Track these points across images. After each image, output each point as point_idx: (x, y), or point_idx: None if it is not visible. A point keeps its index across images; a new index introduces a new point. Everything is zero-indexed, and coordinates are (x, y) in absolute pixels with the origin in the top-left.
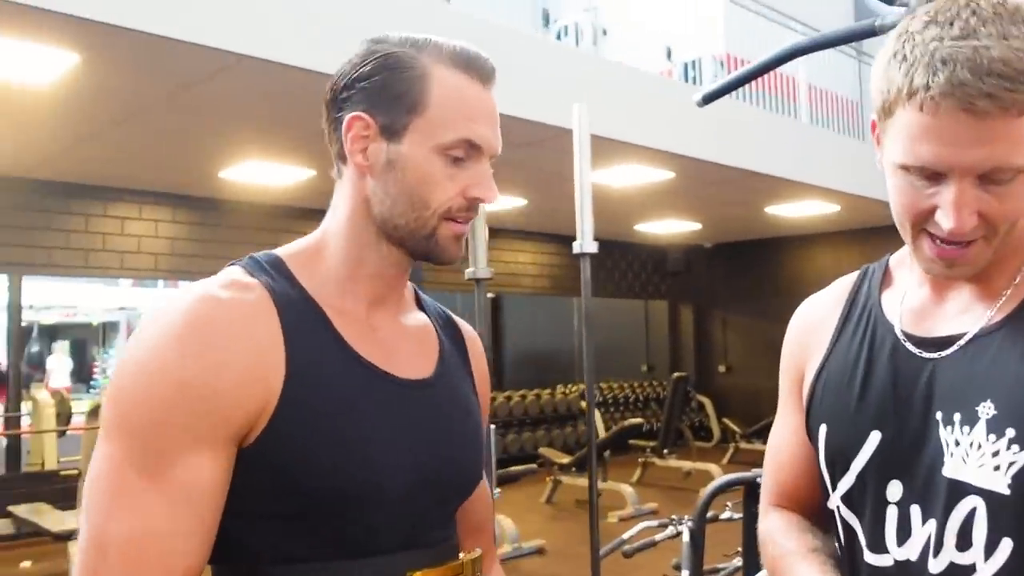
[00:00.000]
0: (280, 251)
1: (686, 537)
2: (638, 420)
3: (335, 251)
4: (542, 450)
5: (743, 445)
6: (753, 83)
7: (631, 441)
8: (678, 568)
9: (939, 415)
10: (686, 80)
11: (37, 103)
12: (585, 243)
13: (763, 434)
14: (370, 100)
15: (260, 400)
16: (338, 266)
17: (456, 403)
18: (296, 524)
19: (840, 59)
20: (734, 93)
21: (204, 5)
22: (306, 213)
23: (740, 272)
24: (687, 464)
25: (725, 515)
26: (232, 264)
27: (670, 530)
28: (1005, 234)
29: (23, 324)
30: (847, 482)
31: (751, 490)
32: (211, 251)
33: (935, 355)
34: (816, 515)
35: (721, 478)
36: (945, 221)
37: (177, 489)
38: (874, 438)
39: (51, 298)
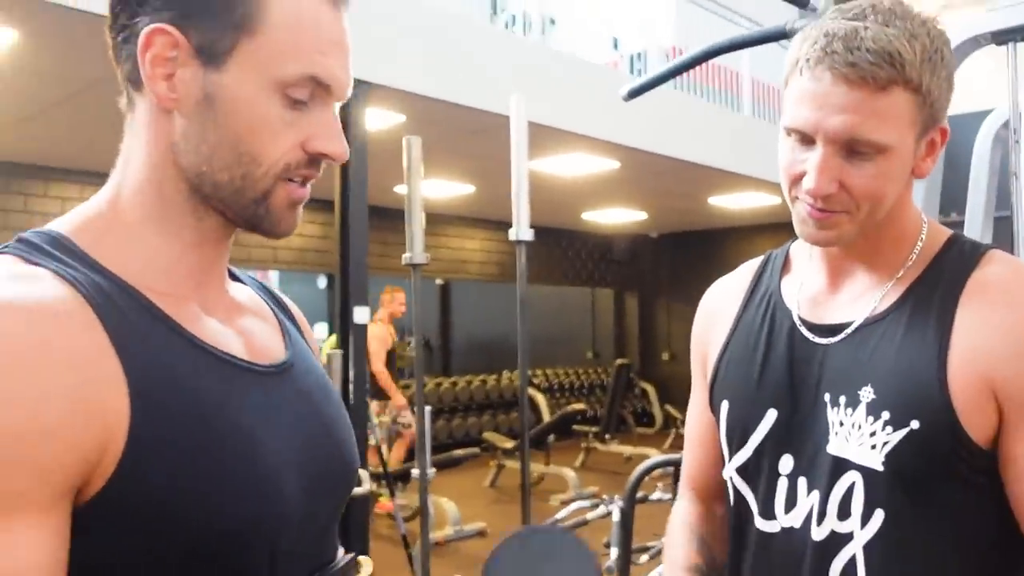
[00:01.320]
0: (60, 226)
1: (616, 517)
2: (581, 406)
3: (139, 219)
4: (486, 435)
5: (684, 431)
6: (698, 76)
7: (575, 426)
8: (608, 546)
9: (827, 397)
10: (632, 72)
11: None
12: (521, 231)
13: None
14: (180, 7)
15: (98, 435)
16: (146, 238)
17: (318, 383)
18: None
19: (782, 53)
20: (679, 86)
21: None
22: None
23: (684, 262)
24: (628, 449)
25: (655, 496)
26: None
27: (601, 509)
28: (870, 215)
29: None
30: (744, 455)
31: (680, 472)
32: None
33: (826, 341)
34: (722, 488)
35: (649, 460)
36: (807, 181)
37: None
38: (771, 416)
39: None
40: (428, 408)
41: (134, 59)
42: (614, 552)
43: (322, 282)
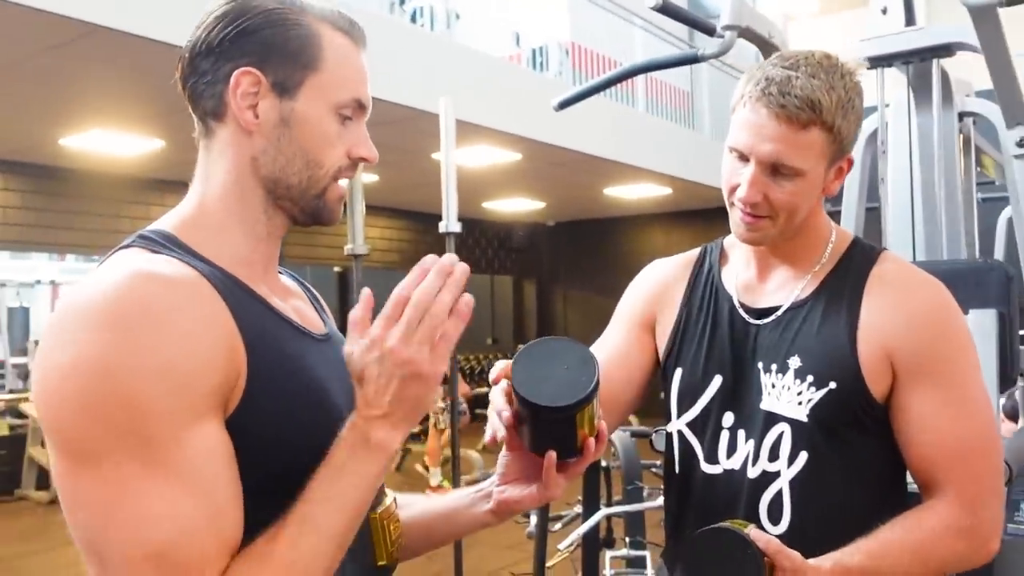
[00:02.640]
0: (166, 227)
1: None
2: (483, 389)
3: (224, 219)
4: None
5: None
6: (596, 74)
7: (477, 410)
8: (527, 515)
9: (760, 365)
10: (534, 66)
11: None
12: (450, 223)
13: None
14: (259, 55)
15: (232, 371)
16: (231, 234)
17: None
18: (268, 496)
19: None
20: (579, 83)
21: None
22: (154, 184)
23: (580, 250)
24: None
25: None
26: (125, 246)
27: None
28: (787, 221)
29: None
30: (693, 412)
31: None
32: (49, 220)
33: (759, 321)
34: (610, 416)
35: None
36: (740, 191)
37: (200, 467)
38: (716, 381)
39: None
40: None
41: (218, 96)
42: (533, 519)
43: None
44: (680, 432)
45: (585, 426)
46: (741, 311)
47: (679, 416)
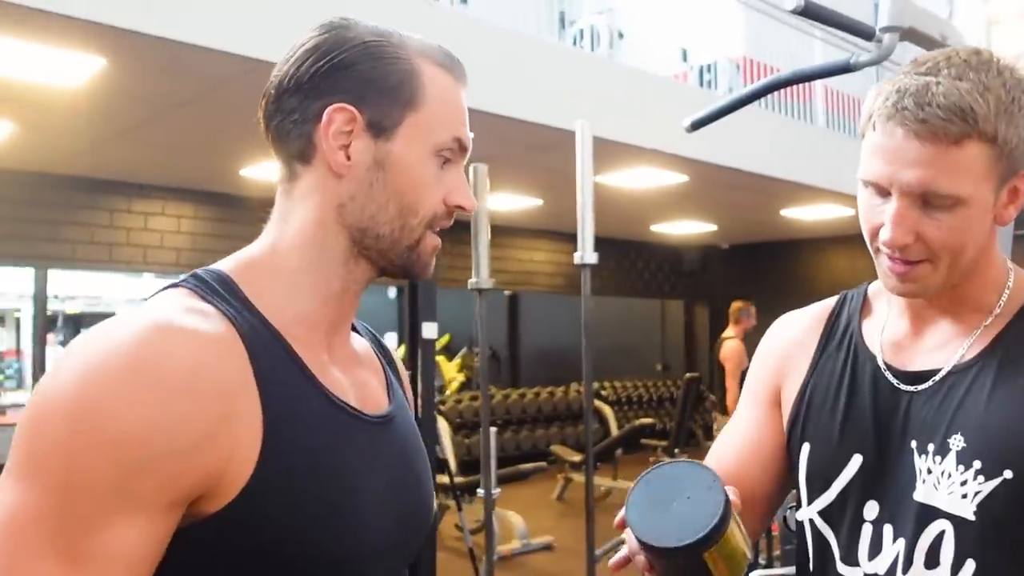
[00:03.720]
0: (225, 267)
1: None
2: (649, 420)
3: (296, 269)
4: (553, 448)
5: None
6: None
7: (643, 440)
8: None
9: (914, 444)
10: (701, 83)
11: (65, 104)
12: (586, 255)
13: None
14: (356, 91)
15: (223, 459)
16: (300, 287)
17: (412, 438)
18: None
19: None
20: None
21: (226, 13)
22: None
23: (755, 273)
24: None
25: None
26: (174, 284)
27: None
28: (951, 266)
29: (48, 313)
30: (827, 498)
31: None
32: (233, 246)
33: (912, 388)
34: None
35: None
36: (884, 232)
37: (98, 566)
38: (856, 461)
39: (75, 289)
40: (493, 429)
41: (307, 136)
42: None
43: (392, 292)
44: (812, 521)
45: (722, 564)
46: (888, 374)
47: (810, 502)
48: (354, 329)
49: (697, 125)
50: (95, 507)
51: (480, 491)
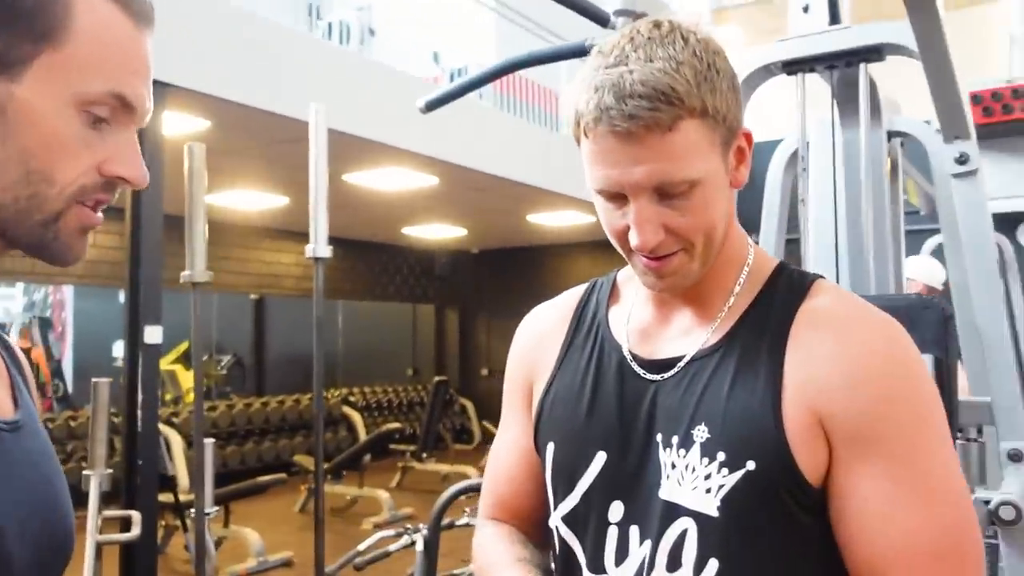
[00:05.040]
0: None
1: (419, 546)
2: (397, 424)
3: None
4: (297, 458)
5: (487, 462)
6: (516, 94)
7: (392, 445)
8: None
9: (659, 437)
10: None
11: None
12: (319, 247)
13: None
14: None
15: None
16: None
17: (46, 448)
18: None
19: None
20: (497, 104)
21: None
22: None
23: (504, 278)
24: (445, 467)
25: (462, 521)
26: None
27: (404, 539)
28: (707, 247)
29: None
30: (571, 502)
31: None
32: None
33: (657, 377)
34: (535, 530)
35: (454, 486)
36: (632, 238)
37: None
38: (599, 459)
39: None
40: (210, 442)
41: None
42: None
43: (123, 297)
44: (557, 529)
45: None
46: (634, 364)
47: (555, 506)
48: None
49: (432, 105)
50: None
51: (193, 511)
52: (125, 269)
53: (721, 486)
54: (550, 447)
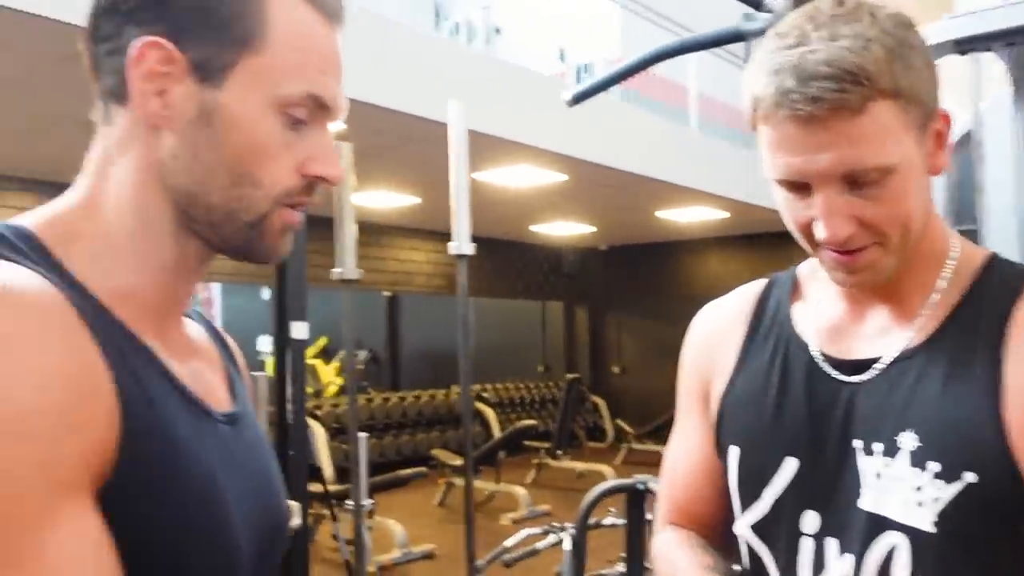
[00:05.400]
0: (27, 223)
1: (567, 545)
2: (532, 421)
3: (117, 233)
4: (435, 452)
5: (636, 446)
6: (645, 89)
7: (526, 442)
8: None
9: (858, 443)
10: (578, 83)
11: None
12: (463, 244)
13: (655, 435)
14: (176, 21)
15: (106, 432)
16: (122, 256)
17: (260, 438)
18: None
19: (729, 68)
20: (626, 98)
21: None
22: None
23: (634, 275)
24: (580, 465)
25: (608, 521)
26: None
27: (552, 538)
28: (903, 240)
29: None
30: (759, 510)
31: (633, 497)
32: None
33: (852, 379)
34: (716, 535)
35: (600, 486)
36: (819, 231)
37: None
38: (790, 465)
39: None
40: (364, 435)
41: (120, 73)
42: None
43: (266, 294)
44: (744, 536)
45: None
46: (825, 365)
47: (742, 513)
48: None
49: (579, 98)
50: (30, 514)
51: (350, 502)
52: (272, 267)
53: (936, 499)
54: (734, 451)
